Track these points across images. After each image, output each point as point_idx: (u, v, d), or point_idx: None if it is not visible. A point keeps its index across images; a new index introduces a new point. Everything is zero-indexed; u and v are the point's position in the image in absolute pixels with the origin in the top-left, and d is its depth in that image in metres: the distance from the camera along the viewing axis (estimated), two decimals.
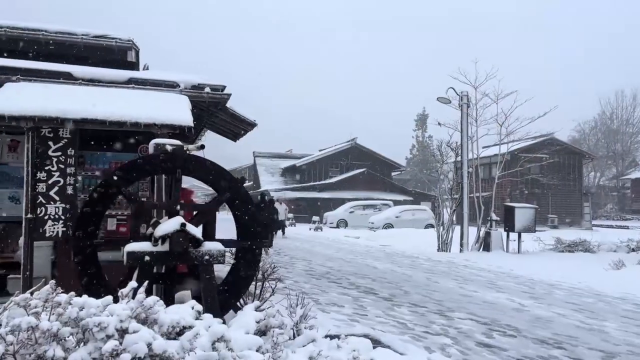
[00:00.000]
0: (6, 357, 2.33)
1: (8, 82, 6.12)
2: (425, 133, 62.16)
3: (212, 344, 3.16)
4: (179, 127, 6.08)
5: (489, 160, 28.51)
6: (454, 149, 17.55)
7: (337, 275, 10.58)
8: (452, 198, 17.36)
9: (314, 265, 12.20)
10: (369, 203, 33.08)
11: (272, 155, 48.71)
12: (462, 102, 16.87)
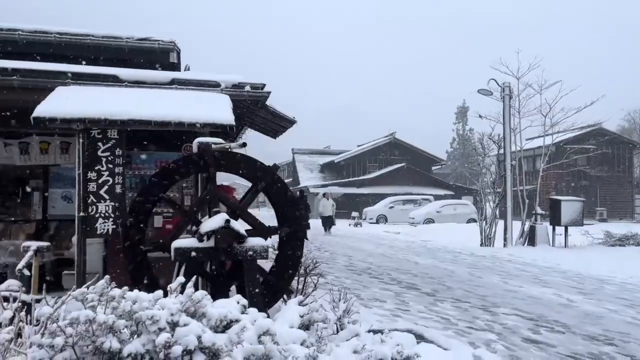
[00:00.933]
0: (66, 348, 2.46)
1: (59, 85, 6.37)
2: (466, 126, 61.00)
3: (258, 337, 3.23)
4: (221, 125, 6.18)
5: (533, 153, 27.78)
6: (496, 141, 17.19)
7: (378, 270, 10.57)
8: (494, 192, 17.02)
9: (355, 260, 12.22)
10: (409, 198, 32.79)
11: (310, 151, 48.87)
12: (504, 94, 16.49)
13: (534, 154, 28.48)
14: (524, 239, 15.59)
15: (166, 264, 5.54)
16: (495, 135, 17.36)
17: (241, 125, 9.55)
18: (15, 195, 8.93)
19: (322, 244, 16.40)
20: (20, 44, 8.19)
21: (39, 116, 5.56)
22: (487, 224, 16.11)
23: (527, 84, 16.75)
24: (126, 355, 2.50)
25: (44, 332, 2.74)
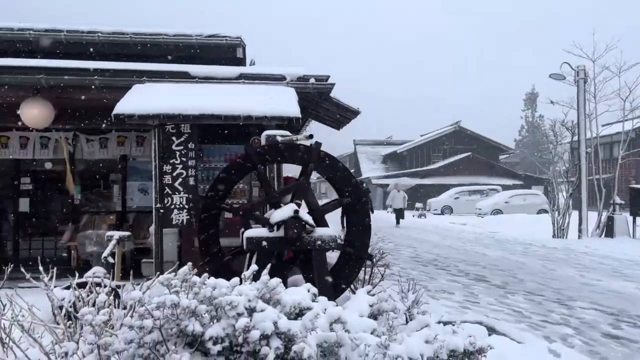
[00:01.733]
0: (153, 330, 2.62)
1: (136, 83, 6.72)
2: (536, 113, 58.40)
3: (329, 325, 3.29)
4: (287, 118, 6.31)
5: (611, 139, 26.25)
6: (570, 128, 16.38)
7: (444, 262, 10.41)
8: (568, 181, 16.25)
9: (420, 252, 12.09)
10: (476, 188, 31.92)
11: (372, 142, 48.58)
12: (578, 77, 15.66)
13: (612, 141, 26.89)
14: (601, 230, 14.80)
15: None
16: (569, 121, 16.54)
17: (305, 117, 9.66)
18: (98, 188, 9.53)
19: (386, 235, 16.33)
20: (99, 45, 8.69)
21: (118, 113, 5.90)
22: (559, 215, 15.44)
23: (603, 67, 15.80)
24: (208, 339, 2.63)
25: (133, 314, 2.93)
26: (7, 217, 9.36)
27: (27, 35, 8.54)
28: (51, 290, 3.35)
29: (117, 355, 2.59)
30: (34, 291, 3.79)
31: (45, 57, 7.71)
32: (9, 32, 8.56)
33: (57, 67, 6.92)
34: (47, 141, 8.44)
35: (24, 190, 9.25)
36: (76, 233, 8.50)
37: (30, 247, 9.29)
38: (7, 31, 8.56)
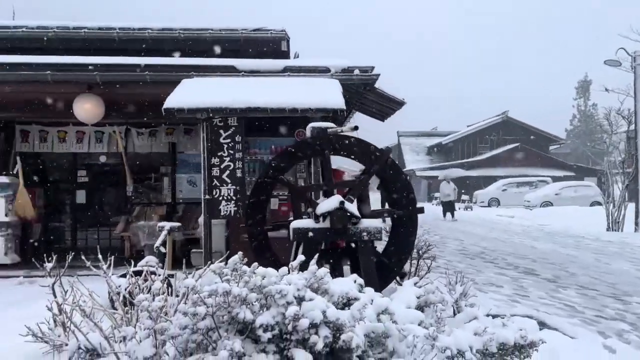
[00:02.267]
0: (206, 317, 2.71)
1: (185, 78, 6.88)
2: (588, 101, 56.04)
3: (376, 315, 3.30)
4: (332, 110, 6.33)
5: None
6: (626, 116, 15.67)
7: (492, 255, 10.21)
8: (624, 172, 15.57)
9: (467, 244, 11.90)
10: (524, 180, 31.03)
11: (416, 133, 47.92)
12: (635, 63, 14.94)
13: None
14: None
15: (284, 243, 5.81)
16: (625, 110, 15.83)
17: (350, 108, 9.65)
18: (149, 180, 9.86)
19: (431, 227, 16.14)
20: (149, 41, 8.94)
21: (169, 107, 6.07)
22: (614, 207, 14.83)
23: None
24: (258, 326, 2.69)
25: (186, 301, 3.03)
26: (66, 208, 9.82)
27: (82, 33, 8.88)
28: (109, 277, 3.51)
29: (172, 340, 2.70)
30: (91, 279, 3.97)
31: (99, 54, 8.01)
32: (65, 30, 8.93)
33: (110, 64, 7.19)
34: (102, 135, 8.80)
35: (80, 183, 9.69)
36: (129, 224, 8.83)
37: (87, 237, 9.73)
38: (63, 30, 8.93)
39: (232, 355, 2.55)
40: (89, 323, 3.37)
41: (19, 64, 7.14)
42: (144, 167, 9.85)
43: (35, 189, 9.18)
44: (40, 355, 3.73)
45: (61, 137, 8.78)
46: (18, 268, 7.72)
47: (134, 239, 8.53)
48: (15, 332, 3.87)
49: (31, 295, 5.72)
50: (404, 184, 5.33)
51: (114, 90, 7.40)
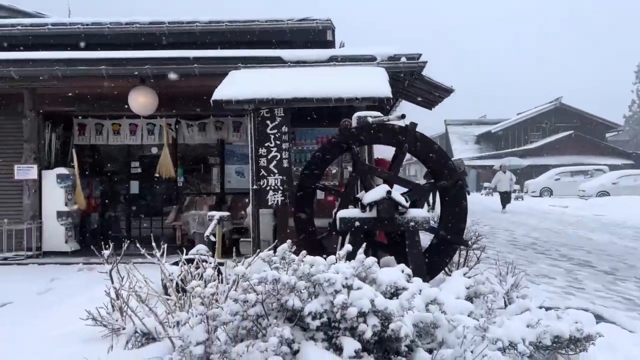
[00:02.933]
0: (256, 304, 2.76)
1: (232, 70, 6.98)
2: None
3: (425, 305, 3.27)
4: (378, 99, 6.27)
5: None
6: None
7: (544, 246, 9.90)
8: None
9: (517, 235, 11.58)
10: (579, 169, 29.81)
11: (464, 122, 46.85)
12: None
13: None
14: None
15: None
16: None
17: (396, 97, 9.52)
18: (198, 171, 10.10)
19: (480, 218, 15.79)
20: (197, 34, 9.11)
21: (217, 99, 6.18)
22: None
23: None
24: (307, 314, 2.72)
25: (236, 288, 3.10)
26: (120, 198, 10.21)
27: (134, 28, 9.14)
28: (163, 265, 3.62)
29: (223, 326, 2.76)
30: (145, 266, 4.12)
31: (150, 48, 8.23)
32: (118, 26, 9.22)
33: (160, 57, 7.38)
34: (153, 127, 9.06)
35: (134, 174, 10.04)
36: (180, 213, 9.09)
37: (140, 226, 10.09)
38: (116, 25, 9.22)
39: (282, 342, 2.59)
40: (144, 308, 3.50)
41: (75, 60, 7.44)
42: (194, 158, 10.10)
43: (92, 180, 9.58)
44: (100, 338, 3.90)
45: (115, 129, 9.11)
46: (77, 255, 8.10)
47: (184, 228, 8.77)
48: (76, 316, 4.07)
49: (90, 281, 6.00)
50: (439, 154, 5.24)
51: (165, 83, 7.60)
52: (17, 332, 4.38)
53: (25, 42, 9.14)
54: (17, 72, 7.39)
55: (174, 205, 9.60)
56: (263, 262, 3.15)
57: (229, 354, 2.72)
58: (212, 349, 2.73)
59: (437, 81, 8.00)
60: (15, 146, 8.37)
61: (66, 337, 3.98)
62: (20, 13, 13.22)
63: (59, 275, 6.77)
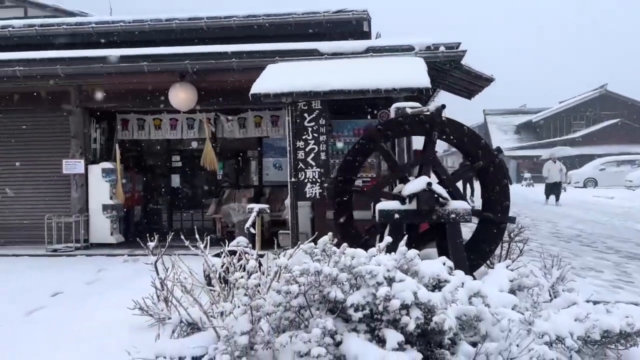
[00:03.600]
0: (299, 295, 2.78)
1: (269, 63, 7.02)
2: None
3: (468, 298, 3.23)
4: (417, 89, 6.18)
5: None
6: None
7: (590, 238, 9.59)
8: None
9: (561, 227, 11.26)
10: (626, 158, 28.68)
11: (503, 112, 45.75)
12: None
13: None
14: None
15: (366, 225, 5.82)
16: None
17: (434, 87, 9.39)
18: (237, 165, 10.25)
19: (521, 209, 15.44)
20: (235, 29, 9.21)
21: (255, 93, 6.23)
22: None
23: None
24: (349, 305, 2.73)
25: (278, 280, 3.13)
26: (162, 191, 10.46)
27: (174, 25, 9.31)
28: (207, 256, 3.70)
29: (267, 317, 2.80)
30: (187, 257, 4.21)
31: (189, 43, 8.36)
32: (158, 23, 9.40)
33: (199, 53, 7.49)
34: (193, 122, 9.23)
35: (175, 168, 10.27)
36: (219, 206, 9.24)
37: (181, 219, 10.33)
38: (156, 22, 9.41)
39: (325, 333, 2.61)
40: (188, 298, 3.58)
41: (117, 57, 7.64)
42: (233, 152, 10.24)
43: (135, 173, 9.85)
44: (146, 327, 4.03)
45: (156, 124, 9.32)
46: (122, 247, 8.36)
47: (224, 220, 8.92)
48: (123, 306, 4.21)
49: (135, 272, 6.20)
50: (470, 135, 5.11)
51: (204, 78, 7.72)
52: (69, 319, 4.57)
53: (71, 41, 9.45)
54: (64, 70, 7.65)
55: (213, 198, 9.77)
56: (303, 254, 3.17)
57: (272, 344, 2.76)
58: (256, 339, 2.77)
59: (477, 70, 7.84)
60: (63, 142, 8.67)
61: (115, 326, 4.12)
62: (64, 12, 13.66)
63: (106, 266, 7.01)
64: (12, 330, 4.38)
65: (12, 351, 3.84)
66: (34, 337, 4.13)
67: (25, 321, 4.65)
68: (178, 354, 3.03)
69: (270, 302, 2.84)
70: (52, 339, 4.05)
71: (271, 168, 9.63)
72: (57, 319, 4.63)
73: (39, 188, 8.82)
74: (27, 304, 5.12)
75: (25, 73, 7.71)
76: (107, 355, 3.48)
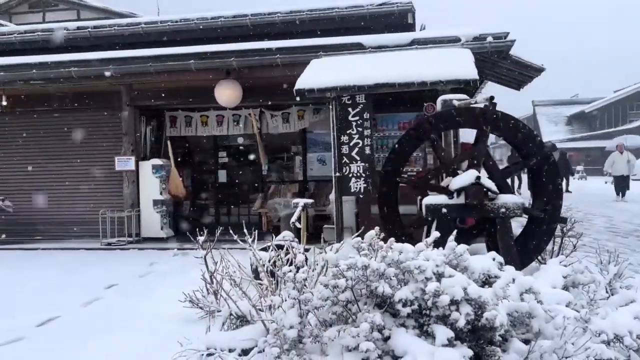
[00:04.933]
0: (346, 290, 2.79)
1: (313, 59, 7.04)
2: None
3: (519, 294, 3.15)
4: (464, 81, 6.05)
5: None
6: None
7: None
8: None
9: (617, 222, 10.79)
10: None
11: (554, 102, 44.17)
12: None
13: None
14: None
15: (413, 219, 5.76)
16: None
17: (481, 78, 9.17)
18: (281, 160, 10.34)
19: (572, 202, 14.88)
20: (278, 25, 9.28)
21: (299, 88, 6.26)
22: None
23: None
24: (397, 301, 2.71)
25: (325, 274, 3.15)
26: (209, 187, 10.69)
27: (219, 22, 9.47)
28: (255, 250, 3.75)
29: (315, 311, 2.82)
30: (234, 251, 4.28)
31: (233, 40, 8.49)
32: (204, 21, 9.59)
33: (244, 50, 7.59)
34: (239, 118, 9.37)
35: (221, 163, 10.47)
36: (265, 201, 9.36)
37: (228, 213, 10.52)
38: (202, 21, 9.60)
39: (373, 327, 2.61)
40: (237, 292, 3.65)
41: (166, 56, 7.85)
42: (277, 147, 10.34)
43: (184, 169, 10.10)
44: (197, 319, 4.14)
45: (203, 121, 9.51)
46: (172, 241, 8.60)
47: (269, 215, 9.03)
48: (173, 298, 4.34)
49: (184, 266, 6.36)
50: (524, 131, 4.95)
51: (249, 74, 7.82)
52: (123, 310, 4.75)
53: (122, 41, 9.77)
54: (116, 69, 7.92)
55: (259, 193, 9.90)
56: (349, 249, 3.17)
57: (320, 337, 2.77)
58: (304, 332, 2.80)
59: (526, 60, 7.62)
60: (114, 139, 8.99)
61: (166, 317, 4.25)
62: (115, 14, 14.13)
63: (157, 259, 7.23)
64: (72, 319, 4.59)
65: (72, 339, 4.02)
66: (91, 327, 4.31)
67: (83, 311, 4.86)
68: (228, 346, 3.10)
69: (318, 296, 2.86)
70: (107, 328, 4.22)
71: (315, 163, 9.67)
72: (112, 310, 4.82)
73: (94, 184, 9.19)
74: (84, 295, 5.35)
75: (80, 73, 8.02)
76: (161, 346, 3.59)
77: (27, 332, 4.22)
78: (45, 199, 9.31)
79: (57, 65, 8.12)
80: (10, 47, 10.19)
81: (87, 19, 13.73)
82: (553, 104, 43.88)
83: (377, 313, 2.70)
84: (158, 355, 3.43)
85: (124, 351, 3.69)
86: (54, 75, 8.11)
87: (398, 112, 8.34)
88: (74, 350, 3.77)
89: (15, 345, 3.96)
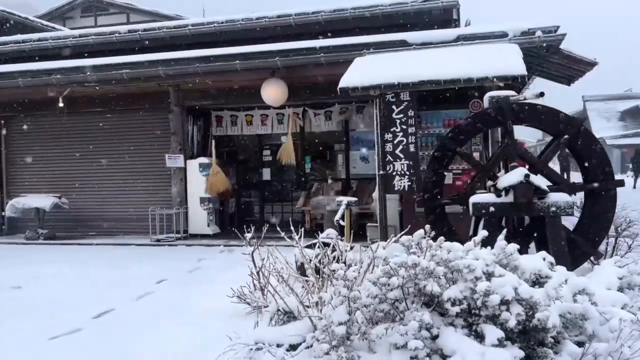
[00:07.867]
0: (395, 288, 2.79)
1: (357, 57, 7.04)
2: None
3: (572, 295, 3.08)
4: (512, 77, 5.93)
5: None
6: None
7: None
8: None
9: None
10: None
11: (605, 97, 42.32)
12: None
13: None
14: None
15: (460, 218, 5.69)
16: None
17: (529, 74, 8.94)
18: (324, 158, 10.40)
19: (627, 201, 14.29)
20: (322, 23, 9.32)
21: (343, 87, 6.27)
22: None
23: None
24: (446, 300, 2.70)
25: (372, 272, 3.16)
26: (254, 185, 10.87)
27: (264, 22, 9.60)
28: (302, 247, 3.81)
29: (363, 308, 2.84)
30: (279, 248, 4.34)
31: (278, 40, 8.59)
32: (249, 22, 9.74)
33: (289, 49, 7.67)
34: (282, 117, 9.48)
35: (265, 162, 10.62)
36: (308, 199, 9.43)
37: (272, 211, 10.67)
38: (246, 21, 9.75)
39: (422, 326, 2.61)
40: (284, 288, 3.71)
41: (212, 57, 8.03)
42: (320, 146, 10.40)
43: (229, 167, 10.30)
44: (244, 314, 4.22)
45: (248, 120, 9.67)
46: (218, 238, 8.80)
47: (313, 212, 9.09)
48: (221, 293, 4.44)
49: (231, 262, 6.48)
50: (599, 156, 4.81)
51: (293, 73, 7.90)
52: (173, 305, 4.90)
53: (170, 43, 10.04)
54: (165, 71, 8.16)
55: (302, 191, 9.98)
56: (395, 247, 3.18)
57: (368, 334, 2.79)
58: (352, 329, 2.82)
59: (578, 54, 7.37)
60: (163, 139, 9.27)
61: (215, 312, 4.36)
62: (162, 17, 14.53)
63: (204, 255, 7.41)
64: (125, 312, 4.77)
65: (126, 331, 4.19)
66: (143, 320, 4.47)
67: (135, 305, 5.05)
68: (276, 341, 3.16)
69: (366, 293, 2.88)
70: (158, 322, 4.36)
71: (358, 161, 9.67)
72: (162, 304, 4.98)
73: (144, 183, 9.50)
74: (136, 289, 5.54)
75: (131, 75, 8.31)
76: (210, 339, 3.68)
77: (85, 323, 4.42)
78: (99, 196, 9.69)
79: (109, 67, 8.43)
80: (65, 51, 10.65)
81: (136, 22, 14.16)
82: (604, 99, 42.10)
83: (425, 312, 2.69)
84: (208, 348, 3.52)
85: (175, 344, 3.80)
86: (107, 77, 8.43)
87: (443, 109, 8.22)
88: (128, 342, 3.92)
89: (74, 336, 4.16)
